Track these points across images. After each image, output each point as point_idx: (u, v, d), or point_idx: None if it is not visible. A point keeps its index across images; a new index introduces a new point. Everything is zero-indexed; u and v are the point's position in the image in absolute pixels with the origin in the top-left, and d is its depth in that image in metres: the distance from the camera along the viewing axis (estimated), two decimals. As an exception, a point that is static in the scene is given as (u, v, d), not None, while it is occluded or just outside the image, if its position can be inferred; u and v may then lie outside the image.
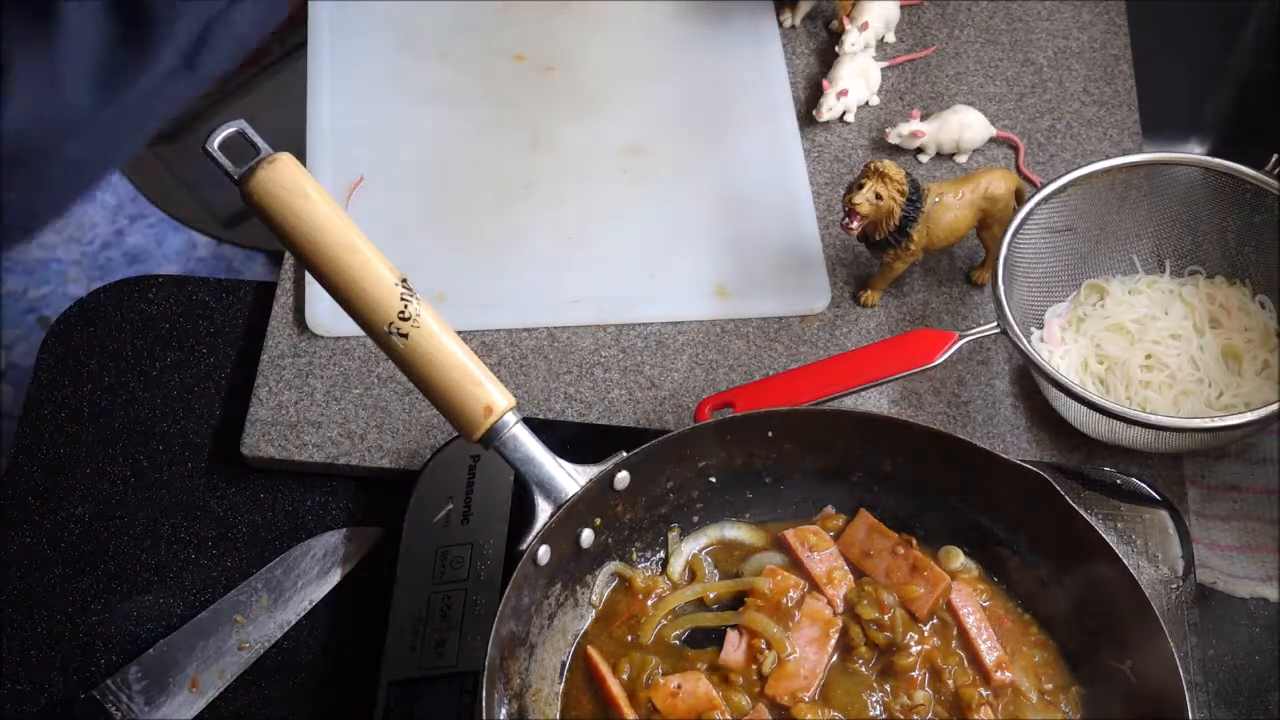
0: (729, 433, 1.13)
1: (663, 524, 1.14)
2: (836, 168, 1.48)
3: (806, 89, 1.53)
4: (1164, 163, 1.33)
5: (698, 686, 1.05)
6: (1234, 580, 1.25)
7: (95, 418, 1.32)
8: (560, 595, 1.09)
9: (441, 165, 1.46)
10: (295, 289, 1.37)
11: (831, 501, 1.16)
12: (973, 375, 1.35)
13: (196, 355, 1.36)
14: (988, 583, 1.13)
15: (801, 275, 1.40)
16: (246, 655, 1.20)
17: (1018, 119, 1.52)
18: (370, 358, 1.33)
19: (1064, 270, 1.35)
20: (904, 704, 1.06)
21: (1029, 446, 1.31)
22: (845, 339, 1.37)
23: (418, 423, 1.30)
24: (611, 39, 1.56)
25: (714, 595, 1.12)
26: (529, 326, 1.36)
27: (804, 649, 1.08)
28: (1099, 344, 1.31)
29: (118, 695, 1.16)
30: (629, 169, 1.46)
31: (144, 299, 1.40)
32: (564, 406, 1.32)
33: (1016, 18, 1.60)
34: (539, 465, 1.04)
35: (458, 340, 1.03)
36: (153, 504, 1.28)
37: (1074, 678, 1.09)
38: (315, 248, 1.01)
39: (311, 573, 1.23)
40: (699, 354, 1.36)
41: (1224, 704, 1.19)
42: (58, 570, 1.24)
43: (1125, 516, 1.20)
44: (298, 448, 1.29)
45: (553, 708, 1.06)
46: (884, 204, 1.28)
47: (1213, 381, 1.29)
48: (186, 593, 1.23)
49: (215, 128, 1.02)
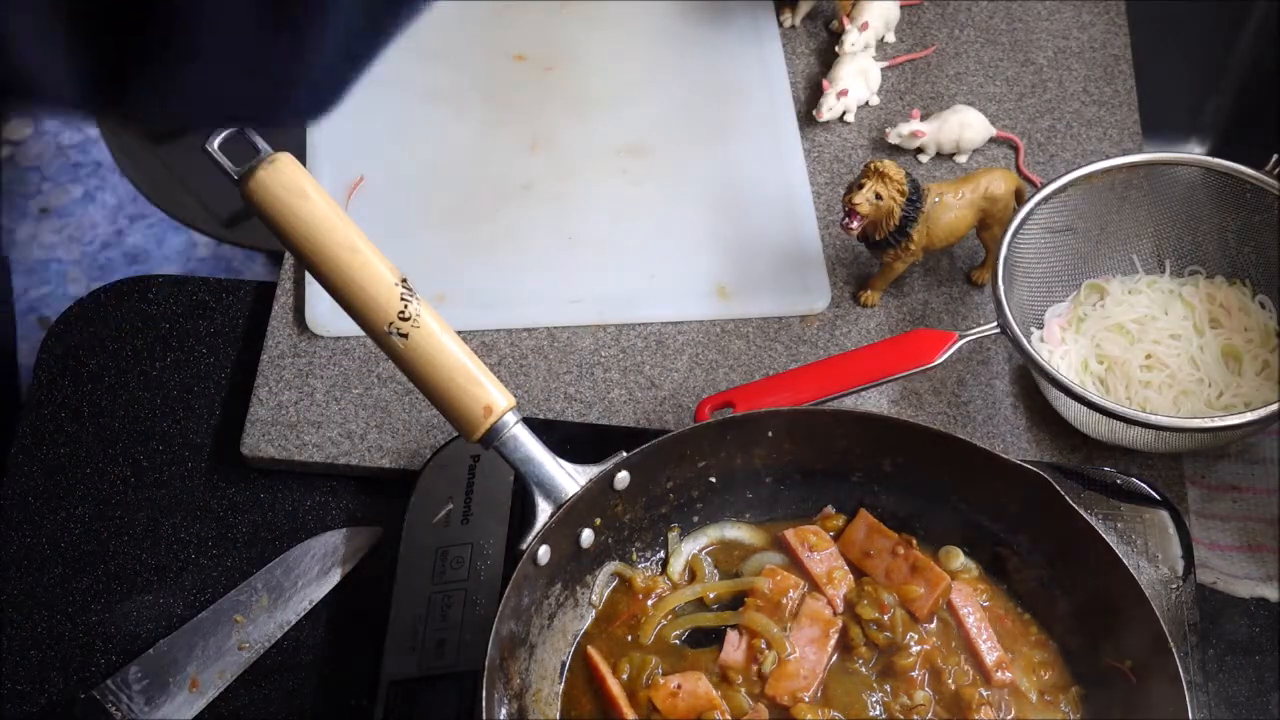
0: (729, 433, 1.13)
1: (663, 524, 1.14)
2: (836, 168, 1.48)
3: (806, 89, 1.53)
4: (1164, 163, 1.33)
5: (698, 686, 1.05)
6: (1234, 580, 1.25)
7: (95, 418, 1.32)
8: (560, 595, 1.09)
9: (441, 165, 1.46)
10: (295, 289, 1.37)
11: (831, 501, 1.16)
12: (973, 375, 1.35)
13: (196, 355, 1.36)
14: (988, 583, 1.13)
15: (801, 275, 1.40)
16: (246, 655, 1.20)
17: (1018, 119, 1.52)
18: (370, 358, 1.33)
19: (1064, 270, 1.35)
20: (904, 704, 1.06)
21: (1029, 446, 1.31)
22: (845, 339, 1.37)
23: (418, 423, 1.30)
24: (611, 39, 1.56)
25: (714, 595, 1.12)
26: (529, 326, 1.36)
27: (804, 649, 1.08)
28: (1099, 344, 1.31)
29: (118, 695, 1.16)
30: (629, 169, 1.46)
31: (144, 299, 1.40)
32: (564, 406, 1.32)
33: (1016, 18, 1.60)
34: (539, 465, 1.04)
35: (458, 340, 1.03)
36: (153, 504, 1.28)
37: (1074, 678, 1.09)
38: (315, 248, 1.01)
39: (311, 573, 1.23)
40: (699, 354, 1.36)
41: (1224, 704, 1.19)
42: (58, 570, 1.24)
43: (1125, 516, 1.20)
44: (298, 448, 1.29)
45: (553, 708, 1.06)
46: (884, 204, 1.28)
47: (1213, 381, 1.29)
48: (186, 593, 1.23)
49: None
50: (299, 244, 1.01)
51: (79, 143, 2.78)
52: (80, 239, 2.66)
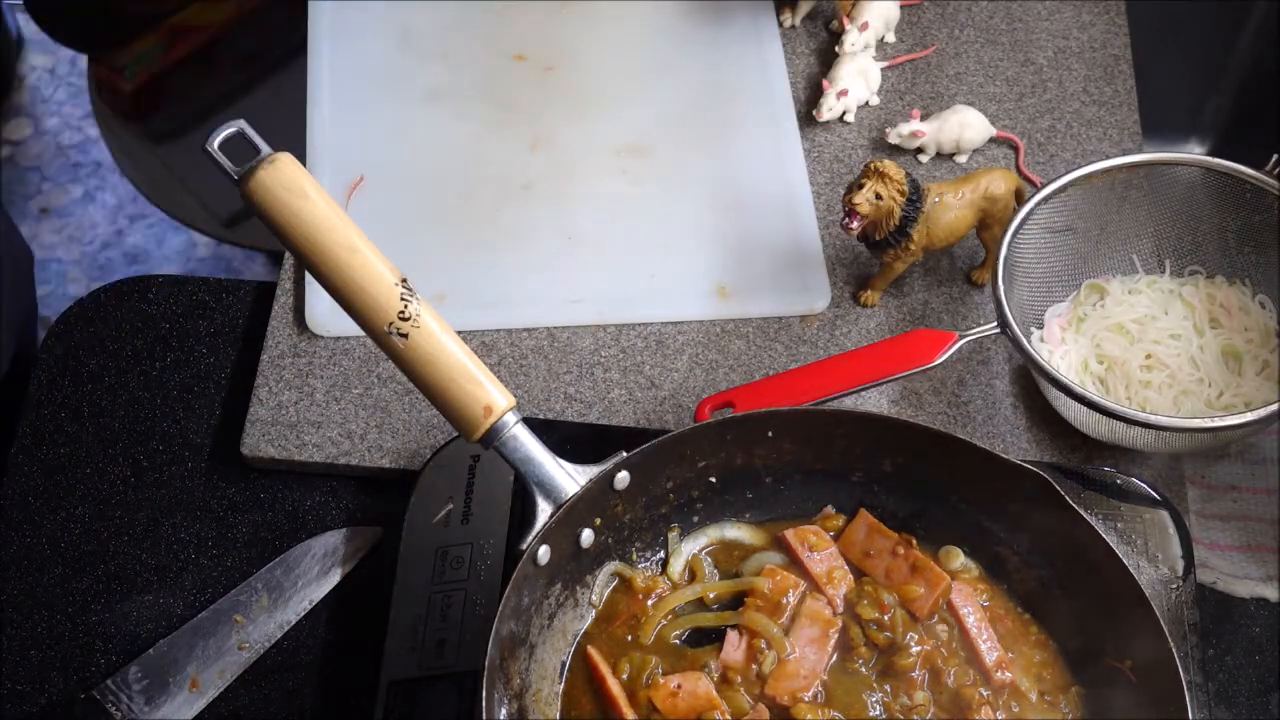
0: (729, 433, 1.13)
1: (663, 524, 1.14)
2: (836, 168, 1.48)
3: (806, 89, 1.53)
4: (1164, 163, 1.33)
5: (698, 686, 1.05)
6: (1234, 580, 1.25)
7: (95, 418, 1.32)
8: (560, 595, 1.09)
9: (441, 165, 1.46)
10: (295, 289, 1.37)
11: (831, 501, 1.16)
12: (973, 375, 1.35)
13: (196, 355, 1.36)
14: (988, 583, 1.13)
15: (801, 275, 1.40)
16: (246, 655, 1.20)
17: (1018, 119, 1.52)
18: (370, 358, 1.33)
19: (1064, 270, 1.35)
20: (904, 704, 1.06)
21: (1029, 446, 1.31)
22: (845, 339, 1.37)
23: (418, 423, 1.30)
24: (611, 39, 1.56)
25: (714, 595, 1.12)
26: (529, 326, 1.36)
27: (804, 649, 1.08)
28: (1099, 344, 1.31)
29: (118, 695, 1.16)
30: (629, 169, 1.47)
31: (144, 299, 1.40)
32: (564, 406, 1.32)
33: (1016, 18, 1.60)
34: (539, 465, 1.04)
35: (458, 340, 1.03)
36: (153, 504, 1.28)
37: (1074, 678, 1.09)
38: (315, 248, 1.01)
39: (311, 573, 1.23)
40: (699, 354, 1.36)
41: (1224, 704, 1.19)
42: (58, 570, 1.24)
43: (1125, 516, 1.20)
44: (298, 448, 1.29)
45: (553, 708, 1.06)
46: (884, 204, 1.28)
47: (1213, 381, 1.29)
48: (186, 593, 1.23)
49: (215, 128, 1.02)
50: (299, 244, 1.01)
51: (79, 143, 2.78)
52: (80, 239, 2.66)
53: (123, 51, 1.94)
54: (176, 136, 1.97)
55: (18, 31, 2.86)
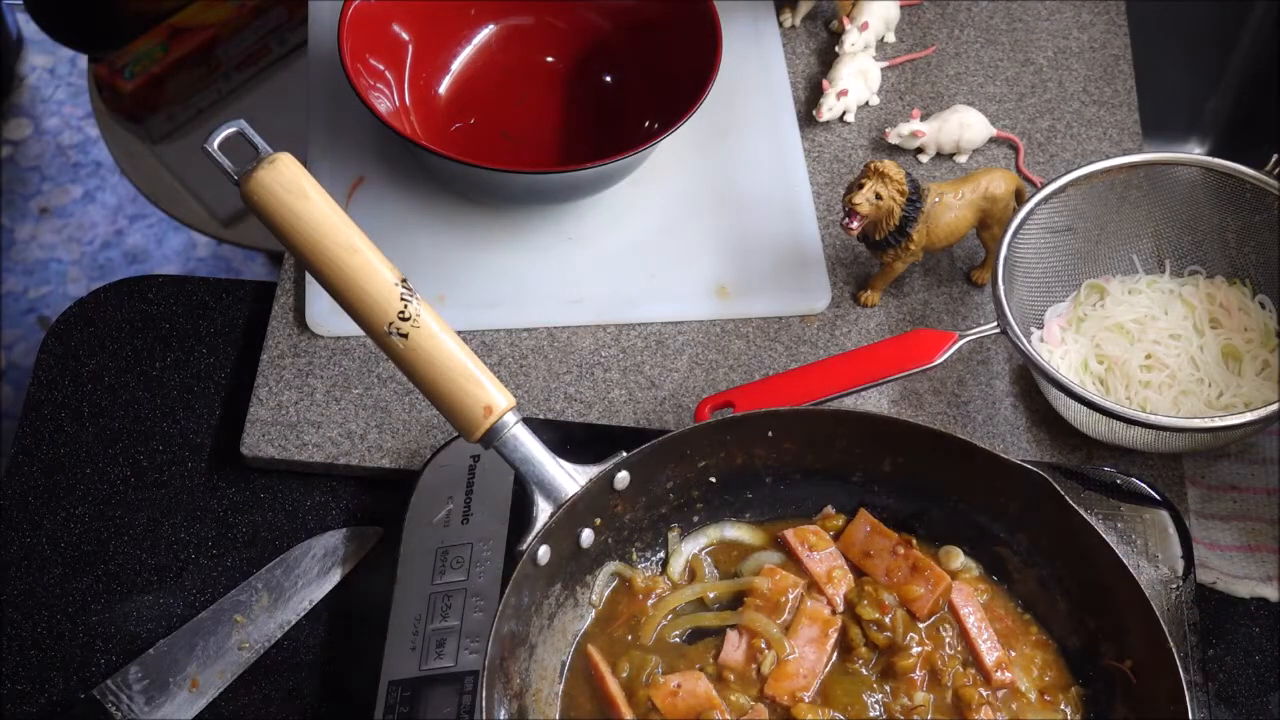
0: (729, 433, 1.13)
1: (663, 524, 1.14)
2: (836, 168, 1.48)
3: (806, 89, 1.53)
4: (1164, 163, 1.33)
5: (697, 686, 1.05)
6: (1234, 580, 1.25)
7: (95, 418, 1.32)
8: (560, 595, 1.09)
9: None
10: (295, 289, 1.37)
11: (831, 501, 1.16)
12: (973, 375, 1.35)
13: (196, 355, 1.36)
14: (988, 582, 1.13)
15: (801, 275, 1.40)
16: (246, 655, 1.20)
17: (1018, 119, 1.52)
18: (370, 358, 1.33)
19: (1064, 270, 1.35)
20: (904, 704, 1.06)
21: (1029, 446, 1.31)
22: (845, 339, 1.37)
23: (418, 423, 1.30)
24: (611, 39, 1.56)
25: (714, 595, 1.12)
26: (529, 326, 1.36)
27: (803, 649, 1.08)
28: (1099, 344, 1.32)
29: (118, 695, 1.16)
30: (629, 169, 1.46)
31: (144, 299, 1.40)
32: (564, 406, 1.32)
33: (1016, 18, 1.60)
34: (539, 465, 1.05)
35: (458, 340, 1.03)
36: (153, 504, 1.28)
37: (1074, 678, 1.09)
38: (315, 248, 1.01)
39: (311, 573, 1.23)
40: (699, 354, 1.36)
41: (1224, 704, 1.19)
42: (58, 570, 1.24)
43: (1125, 516, 1.20)
44: (298, 448, 1.29)
45: (553, 708, 1.06)
46: (884, 204, 1.28)
47: (1213, 381, 1.29)
48: (186, 593, 1.23)
49: (215, 128, 1.02)
50: (299, 244, 1.01)
51: (79, 143, 2.78)
52: (80, 239, 2.67)
53: (123, 51, 1.94)
54: (176, 136, 1.98)
55: (18, 31, 2.87)
